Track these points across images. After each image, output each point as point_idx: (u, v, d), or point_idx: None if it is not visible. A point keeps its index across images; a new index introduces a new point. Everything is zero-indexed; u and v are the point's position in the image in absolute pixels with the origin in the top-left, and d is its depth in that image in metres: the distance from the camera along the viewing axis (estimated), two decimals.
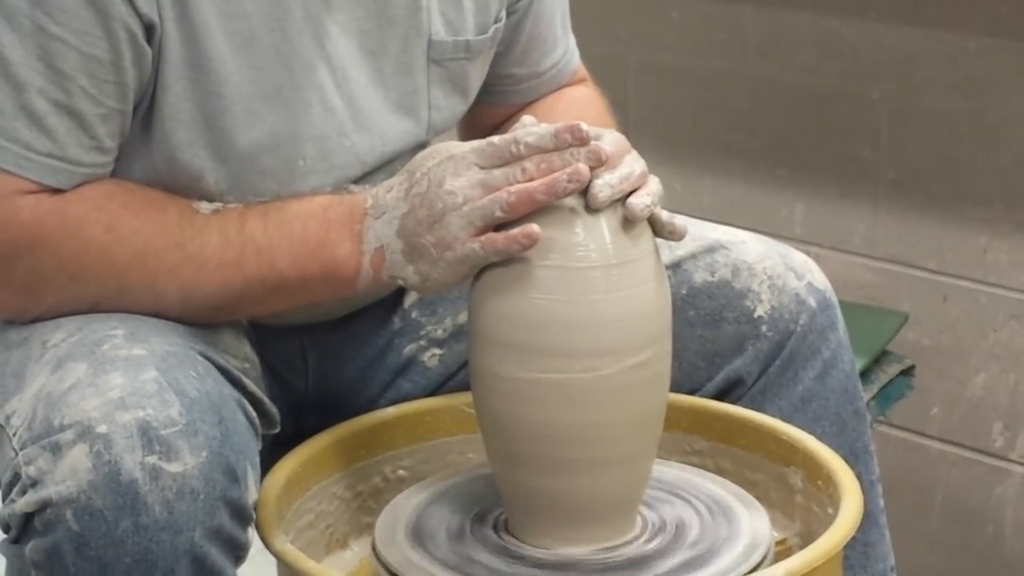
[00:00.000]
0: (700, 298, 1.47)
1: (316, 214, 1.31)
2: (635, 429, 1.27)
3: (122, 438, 1.15)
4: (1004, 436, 2.15)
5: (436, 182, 1.25)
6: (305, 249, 1.30)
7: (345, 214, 1.30)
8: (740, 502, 1.35)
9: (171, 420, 1.17)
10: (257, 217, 1.31)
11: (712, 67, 2.29)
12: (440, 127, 1.47)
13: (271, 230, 1.31)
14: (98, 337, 1.24)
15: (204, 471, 1.17)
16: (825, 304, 1.49)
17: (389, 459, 1.44)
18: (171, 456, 1.16)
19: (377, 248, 1.29)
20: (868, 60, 2.15)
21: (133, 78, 1.29)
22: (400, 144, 1.42)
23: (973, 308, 2.14)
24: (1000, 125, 2.05)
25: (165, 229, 1.30)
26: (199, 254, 1.30)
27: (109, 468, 1.15)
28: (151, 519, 1.15)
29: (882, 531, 1.53)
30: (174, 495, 1.15)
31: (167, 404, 1.17)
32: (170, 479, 1.15)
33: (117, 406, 1.17)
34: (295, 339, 1.49)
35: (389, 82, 1.41)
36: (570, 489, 1.27)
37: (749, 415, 1.43)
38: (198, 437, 1.17)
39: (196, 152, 1.33)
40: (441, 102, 1.45)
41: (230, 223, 1.31)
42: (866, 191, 2.19)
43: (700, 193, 2.35)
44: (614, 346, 1.23)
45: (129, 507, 1.14)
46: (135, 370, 1.20)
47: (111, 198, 1.30)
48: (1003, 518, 2.17)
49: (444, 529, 1.32)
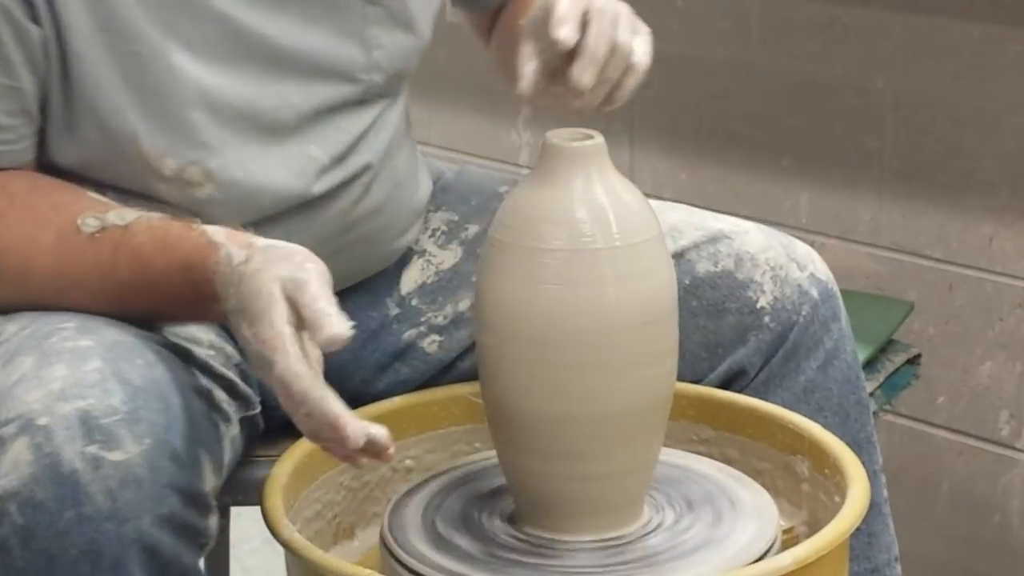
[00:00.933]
0: (703, 288, 1.47)
1: (179, 274, 1.26)
2: (643, 416, 1.27)
3: (62, 429, 1.15)
4: (1010, 425, 2.15)
5: (255, 314, 1.18)
6: (180, 300, 1.28)
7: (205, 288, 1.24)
8: (747, 490, 1.35)
9: (112, 409, 1.16)
10: (127, 267, 1.28)
11: (717, 56, 2.29)
12: (390, 63, 1.44)
13: (141, 284, 1.28)
14: (49, 330, 1.24)
15: (148, 458, 1.16)
16: (827, 295, 1.49)
17: (396, 449, 1.43)
18: (112, 445, 1.15)
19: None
20: (873, 48, 2.15)
21: (20, 54, 1.28)
22: (335, 93, 1.41)
23: (979, 297, 2.14)
24: (1005, 113, 2.05)
25: (43, 251, 1.29)
26: (81, 284, 1.28)
27: (50, 460, 1.14)
28: (94, 509, 1.14)
29: (885, 521, 1.53)
30: (117, 484, 1.14)
31: (109, 393, 1.17)
32: (112, 468, 1.15)
33: (58, 397, 1.16)
34: None
35: (323, 24, 1.39)
36: (578, 477, 1.27)
37: (755, 404, 1.43)
38: (141, 425, 1.16)
39: (124, 117, 1.32)
40: (383, 39, 1.43)
41: (104, 261, 1.28)
42: (871, 180, 2.19)
43: (705, 182, 2.35)
44: (621, 331, 1.23)
45: (71, 498, 1.14)
46: (79, 361, 1.19)
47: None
48: (1009, 507, 2.17)
49: (451, 519, 1.32)
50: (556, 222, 1.24)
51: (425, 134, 2.61)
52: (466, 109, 2.59)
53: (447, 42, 2.62)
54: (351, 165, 1.44)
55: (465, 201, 1.58)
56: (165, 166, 1.34)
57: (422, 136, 2.59)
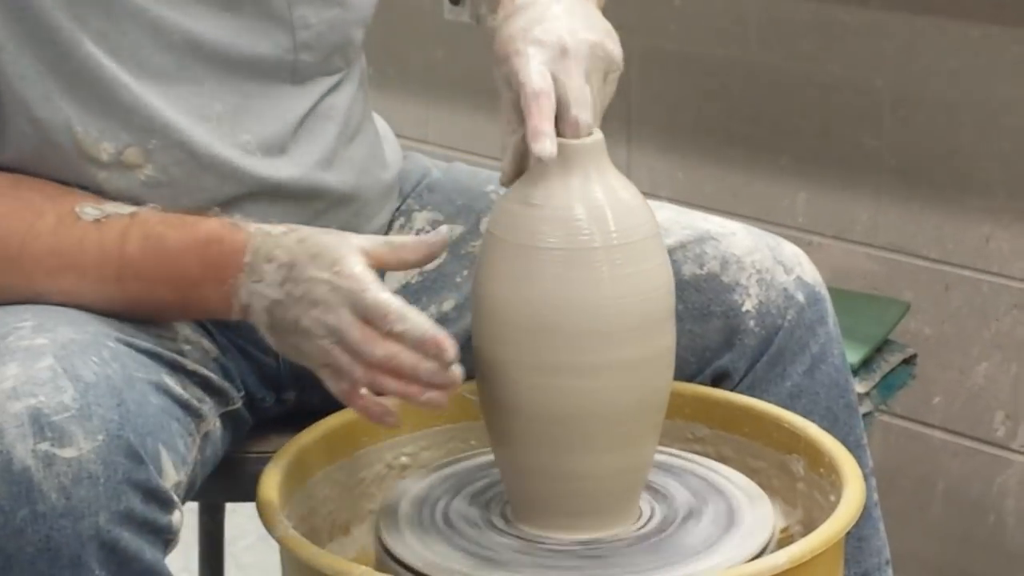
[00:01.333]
0: (688, 291, 1.46)
1: (194, 250, 1.30)
2: (639, 414, 1.27)
3: (13, 427, 1.14)
4: (1006, 425, 2.15)
5: (309, 300, 1.24)
6: (183, 283, 1.30)
7: (221, 260, 1.29)
8: (742, 490, 1.35)
9: (63, 406, 1.16)
10: (137, 240, 1.30)
11: (715, 55, 2.29)
12: (320, 41, 1.42)
13: (149, 259, 1.30)
14: (6, 330, 1.24)
15: (102, 454, 1.15)
16: (814, 299, 1.48)
17: (391, 446, 1.44)
18: (64, 442, 1.15)
19: (245, 305, 1.29)
20: (871, 48, 2.15)
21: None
22: (263, 79, 1.40)
23: (975, 297, 2.14)
24: (1003, 114, 2.05)
25: (40, 235, 1.30)
26: (79, 264, 1.30)
27: (1, 458, 1.14)
28: (48, 506, 1.14)
29: (876, 524, 1.53)
30: (70, 481, 1.14)
31: (60, 390, 1.17)
32: (64, 464, 1.14)
33: (9, 396, 1.16)
34: None
35: (244, 10, 1.37)
36: (573, 476, 1.26)
37: (751, 403, 1.43)
38: (93, 421, 1.16)
39: (55, 105, 1.31)
40: (311, 19, 1.41)
41: (110, 239, 1.30)
42: (868, 180, 2.19)
43: (702, 181, 2.35)
44: (618, 330, 1.23)
45: (24, 496, 1.13)
46: (31, 359, 1.19)
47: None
48: (1004, 507, 2.17)
49: (446, 516, 1.32)
50: (553, 220, 1.23)
51: (423, 132, 2.61)
52: (463, 107, 2.59)
53: (444, 40, 2.63)
54: (299, 150, 1.43)
55: (451, 201, 1.57)
56: (102, 151, 1.33)
57: (419, 134, 2.59)
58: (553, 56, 1.25)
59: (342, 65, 1.47)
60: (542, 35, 1.27)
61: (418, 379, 1.21)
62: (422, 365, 1.21)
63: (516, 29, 1.28)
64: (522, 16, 1.30)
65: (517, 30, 1.28)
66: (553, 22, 1.28)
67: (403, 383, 1.22)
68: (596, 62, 1.28)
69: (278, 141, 1.41)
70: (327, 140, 1.45)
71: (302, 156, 1.43)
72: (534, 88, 1.23)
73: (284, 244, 1.27)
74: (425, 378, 1.21)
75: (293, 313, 1.25)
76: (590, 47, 1.27)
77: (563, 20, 1.28)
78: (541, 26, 1.28)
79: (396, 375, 1.22)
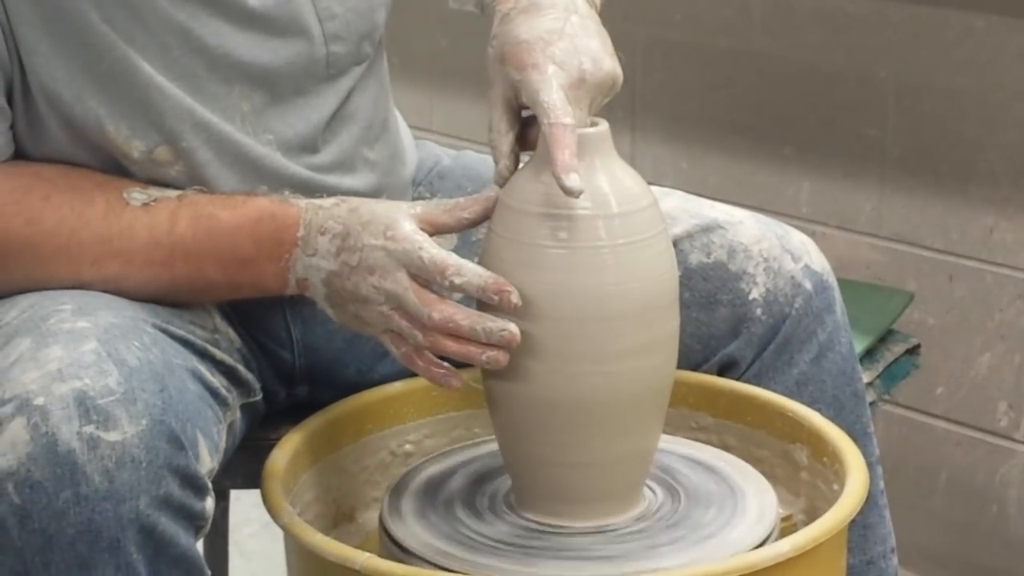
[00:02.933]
0: (695, 280, 1.46)
1: (246, 228, 1.31)
2: (643, 402, 1.27)
3: (59, 409, 1.15)
4: (1009, 416, 2.15)
5: (366, 267, 1.26)
6: (234, 261, 1.32)
7: (275, 236, 1.31)
8: (746, 478, 1.35)
9: (108, 389, 1.17)
10: (187, 221, 1.32)
11: (719, 45, 2.29)
12: (349, 30, 1.43)
13: (200, 237, 1.31)
14: (46, 312, 1.25)
15: (145, 439, 1.16)
16: (822, 287, 1.49)
17: (395, 433, 1.44)
18: (109, 425, 1.15)
19: (302, 279, 1.31)
20: (875, 39, 2.15)
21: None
22: (297, 76, 1.40)
23: (979, 288, 2.14)
24: (1007, 104, 2.05)
25: (90, 223, 1.31)
26: (126, 249, 1.31)
27: (47, 440, 1.14)
28: (91, 489, 1.14)
29: (882, 512, 1.53)
30: (114, 464, 1.15)
31: (104, 374, 1.17)
32: (109, 448, 1.15)
33: (55, 378, 1.17)
34: (278, 310, 1.48)
35: (271, 22, 1.37)
36: (577, 464, 1.27)
37: (755, 391, 1.44)
38: (137, 405, 1.17)
39: (87, 104, 1.32)
40: (335, 8, 1.42)
41: (160, 222, 1.31)
42: (872, 170, 2.19)
43: (706, 171, 2.35)
44: (621, 318, 1.23)
45: (68, 477, 1.14)
46: (76, 342, 1.20)
47: (29, 191, 1.31)
48: (1007, 498, 2.17)
49: (451, 503, 1.32)
50: (558, 215, 1.23)
51: (427, 121, 2.62)
52: (468, 95, 2.59)
53: (448, 29, 2.63)
54: (328, 149, 1.44)
55: (461, 188, 1.57)
56: (133, 148, 1.34)
57: (424, 123, 2.60)
58: (571, 82, 1.25)
59: (370, 51, 1.47)
60: (562, 54, 1.26)
61: (477, 339, 1.22)
62: (480, 325, 1.22)
63: (535, 36, 1.27)
64: (539, 20, 1.29)
65: (536, 38, 1.27)
66: (574, 40, 1.27)
67: (463, 344, 1.23)
68: (603, 89, 1.28)
69: (309, 139, 1.42)
70: (352, 141, 1.46)
71: (330, 155, 1.43)
72: (562, 121, 1.22)
73: (336, 215, 1.29)
74: (484, 338, 1.22)
75: (352, 282, 1.27)
76: (604, 75, 1.27)
77: (582, 39, 1.28)
78: (562, 43, 1.27)
79: (455, 337, 1.23)
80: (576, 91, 1.26)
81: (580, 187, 1.21)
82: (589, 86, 1.26)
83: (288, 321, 1.48)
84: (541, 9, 1.31)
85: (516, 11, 1.31)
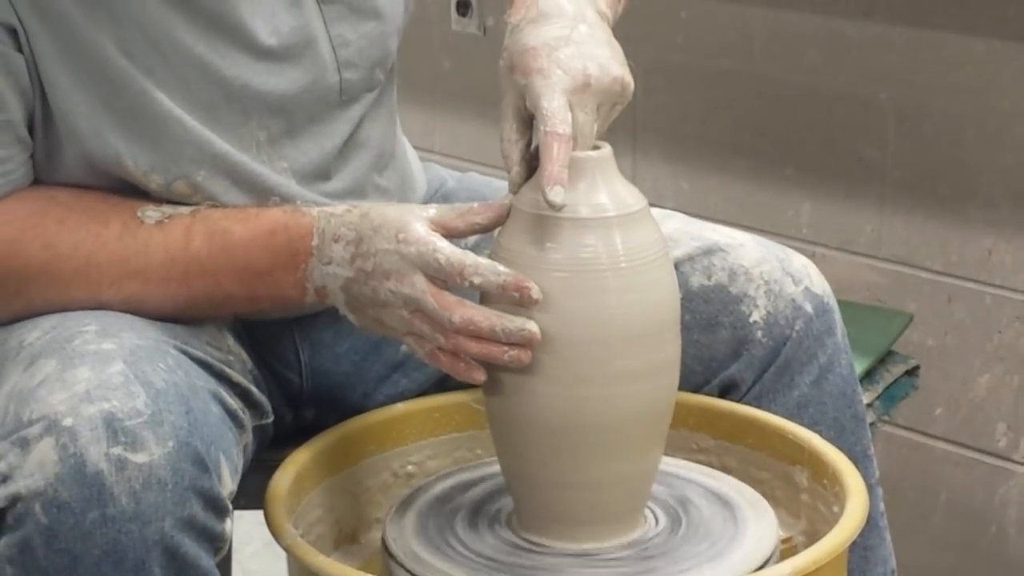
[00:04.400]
0: (696, 302, 1.46)
1: (260, 240, 1.32)
2: (644, 424, 1.28)
3: (87, 430, 1.16)
4: (1007, 437, 2.16)
5: (381, 272, 1.26)
6: (250, 274, 1.32)
7: (290, 247, 1.31)
8: (746, 500, 1.35)
9: (136, 411, 1.17)
10: (202, 237, 1.32)
11: (720, 67, 2.30)
12: (363, 57, 1.43)
13: (216, 253, 1.32)
14: (70, 334, 1.25)
15: (171, 461, 1.17)
16: (822, 309, 1.49)
17: (398, 455, 1.45)
18: (136, 446, 1.16)
19: (320, 288, 1.31)
20: (875, 61, 2.15)
21: (8, 85, 1.29)
22: (309, 102, 1.41)
23: (978, 309, 2.14)
24: (1006, 127, 2.06)
25: (107, 244, 1.32)
26: (143, 270, 1.32)
27: (75, 460, 1.15)
28: (118, 510, 1.15)
29: (882, 534, 1.53)
30: (141, 485, 1.16)
31: (132, 396, 1.18)
32: (136, 469, 1.16)
33: (83, 399, 1.17)
34: (287, 334, 1.49)
35: (287, 52, 1.38)
36: (579, 485, 1.27)
37: (756, 413, 1.44)
38: (164, 427, 1.18)
39: (106, 139, 1.32)
40: (348, 36, 1.42)
41: (175, 239, 1.32)
42: (872, 192, 2.19)
43: (707, 192, 2.35)
44: (622, 341, 1.24)
45: (96, 498, 1.15)
46: (102, 364, 1.20)
47: (45, 215, 1.32)
48: (1006, 518, 2.18)
49: (453, 524, 1.32)
50: (559, 240, 1.24)
51: (430, 142, 2.62)
52: (470, 117, 2.60)
53: (451, 51, 2.64)
54: (340, 177, 1.45)
55: None
56: (151, 182, 1.35)
57: (427, 144, 2.60)
58: (575, 87, 1.25)
59: (382, 78, 1.48)
60: (567, 59, 1.26)
61: (497, 339, 1.23)
62: (499, 326, 1.22)
63: (541, 42, 1.28)
64: (547, 27, 1.29)
65: (542, 44, 1.27)
66: (580, 47, 1.27)
67: (484, 345, 1.23)
68: (612, 95, 1.28)
69: (322, 166, 1.43)
70: (364, 168, 1.47)
71: (342, 182, 1.44)
72: (557, 131, 1.22)
73: (348, 221, 1.30)
74: (504, 338, 1.22)
75: (369, 287, 1.27)
76: (612, 80, 1.27)
77: (590, 46, 1.28)
78: (568, 49, 1.27)
79: (476, 338, 1.23)
80: (581, 95, 1.25)
81: (563, 201, 1.21)
82: (595, 90, 1.26)
83: (297, 344, 1.49)
84: (550, 19, 1.31)
85: (526, 21, 1.32)
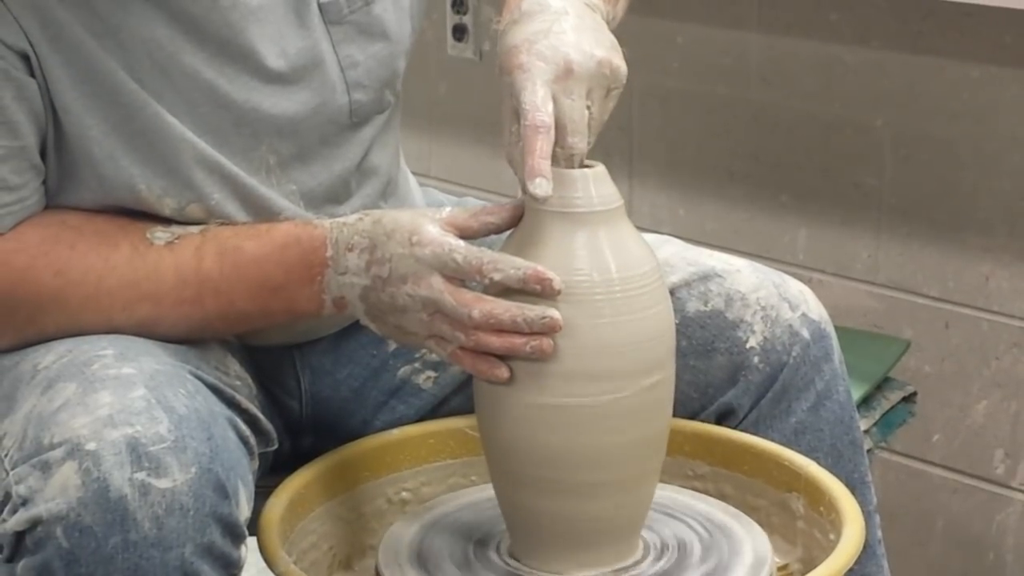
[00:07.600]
0: (692, 328, 1.46)
1: (273, 256, 1.32)
2: (639, 452, 1.27)
3: (111, 455, 1.16)
4: (1005, 464, 2.15)
5: (398, 277, 1.26)
6: (264, 290, 1.32)
7: (304, 260, 1.31)
8: (742, 527, 1.35)
9: (160, 436, 1.17)
10: (213, 256, 1.32)
11: (716, 93, 2.30)
12: (370, 78, 1.43)
13: (228, 272, 1.32)
14: (88, 358, 1.25)
15: (193, 487, 1.17)
16: (819, 335, 1.49)
17: (392, 481, 1.44)
18: (160, 472, 1.16)
19: (338, 298, 1.31)
20: (871, 88, 2.16)
21: (22, 111, 1.29)
22: (319, 125, 1.40)
23: (975, 335, 2.14)
24: (1003, 153, 2.06)
25: (117, 268, 1.31)
26: (155, 292, 1.31)
27: (98, 485, 1.15)
28: (140, 535, 1.15)
29: (879, 562, 1.53)
30: (164, 511, 1.15)
31: (156, 421, 1.18)
32: (159, 495, 1.15)
33: (106, 423, 1.17)
34: (288, 360, 1.49)
35: (296, 76, 1.38)
36: (574, 512, 1.27)
37: (752, 440, 1.44)
38: (187, 453, 1.17)
39: (119, 163, 1.32)
40: (357, 56, 1.42)
41: (185, 261, 1.32)
42: (869, 218, 2.20)
43: (703, 218, 2.35)
44: (619, 371, 1.24)
45: (119, 523, 1.15)
46: (124, 388, 1.20)
47: (57, 241, 1.31)
48: (1004, 545, 2.17)
49: (447, 552, 1.32)
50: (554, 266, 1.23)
51: (425, 167, 2.62)
52: (466, 142, 2.60)
53: (447, 75, 2.64)
54: (351, 201, 1.45)
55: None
56: (165, 206, 1.34)
57: (422, 169, 2.60)
58: (557, 74, 1.24)
59: (392, 99, 1.48)
60: (547, 50, 1.25)
61: (519, 330, 1.22)
62: (520, 316, 1.22)
63: (521, 39, 1.27)
64: (529, 25, 1.29)
65: (522, 40, 1.27)
66: (560, 36, 1.26)
67: (505, 338, 1.23)
68: (601, 79, 1.26)
69: (332, 190, 1.43)
70: (373, 195, 1.47)
71: (352, 208, 1.44)
72: (534, 122, 1.22)
73: (360, 229, 1.29)
74: (526, 328, 1.22)
75: (387, 294, 1.27)
76: (597, 64, 1.26)
77: (570, 35, 1.27)
78: (547, 40, 1.26)
79: (498, 332, 1.23)
80: (564, 82, 1.24)
81: (547, 192, 1.20)
82: (580, 76, 1.25)
83: (298, 370, 1.49)
84: (532, 16, 1.30)
85: (510, 23, 1.32)
